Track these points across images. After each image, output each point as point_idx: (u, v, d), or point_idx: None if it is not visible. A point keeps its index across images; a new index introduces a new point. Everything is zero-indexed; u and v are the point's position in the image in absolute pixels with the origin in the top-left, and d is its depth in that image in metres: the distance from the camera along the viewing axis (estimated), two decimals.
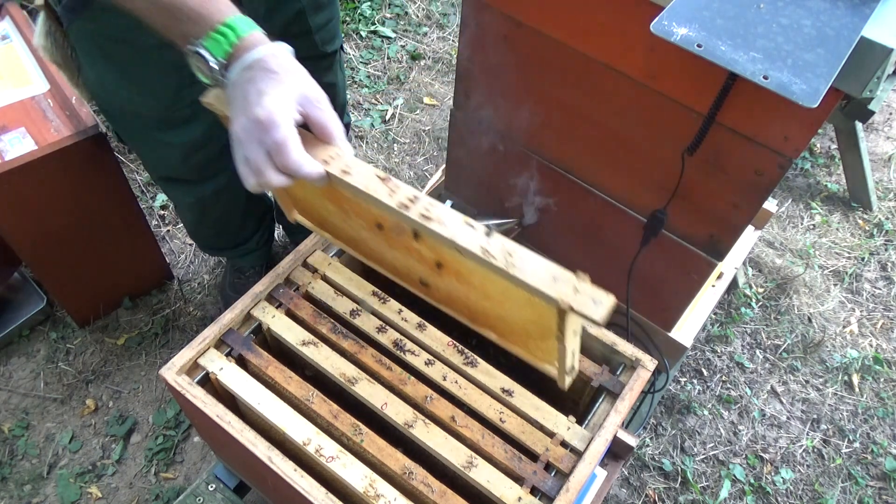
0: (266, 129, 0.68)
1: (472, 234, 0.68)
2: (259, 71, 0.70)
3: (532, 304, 0.73)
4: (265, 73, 0.70)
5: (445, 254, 0.79)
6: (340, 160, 0.72)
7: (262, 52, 0.71)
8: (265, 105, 0.68)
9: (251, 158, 0.70)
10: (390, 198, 0.71)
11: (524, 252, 0.67)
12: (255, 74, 0.70)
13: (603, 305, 0.63)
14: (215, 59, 0.71)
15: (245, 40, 0.71)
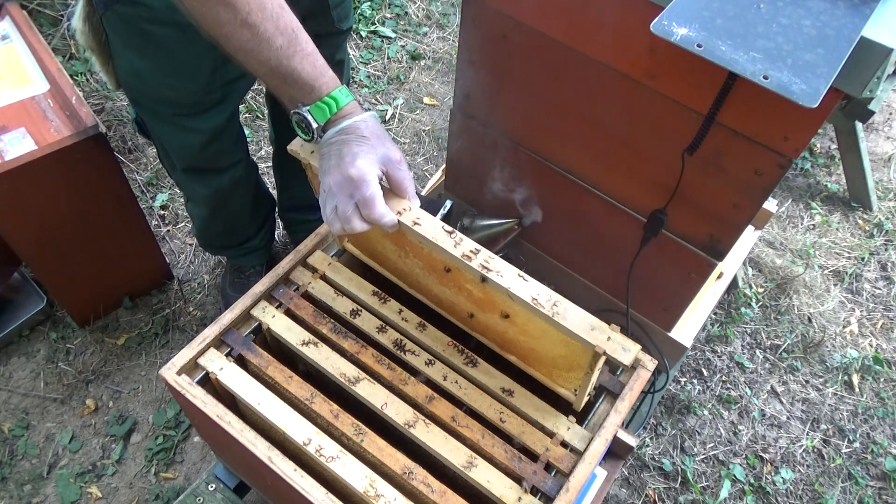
0: (357, 186, 0.82)
1: (524, 286, 0.85)
2: (352, 135, 0.85)
3: (567, 344, 0.86)
4: (358, 137, 0.84)
5: (497, 297, 0.91)
6: (412, 213, 0.87)
7: (355, 120, 0.86)
8: (358, 166, 0.82)
9: (341, 208, 0.84)
10: (455, 249, 0.86)
11: (567, 303, 0.82)
12: (349, 138, 0.84)
13: (630, 353, 0.79)
14: (317, 122, 0.85)
15: (343, 110, 0.86)
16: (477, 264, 0.85)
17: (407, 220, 0.86)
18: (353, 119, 0.86)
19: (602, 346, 0.80)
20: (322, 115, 0.85)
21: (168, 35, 1.15)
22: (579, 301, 1.40)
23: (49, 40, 2.39)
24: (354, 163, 0.82)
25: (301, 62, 0.84)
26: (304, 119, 0.85)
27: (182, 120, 1.31)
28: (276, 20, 0.82)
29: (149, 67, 1.20)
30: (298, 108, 0.85)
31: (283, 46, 0.82)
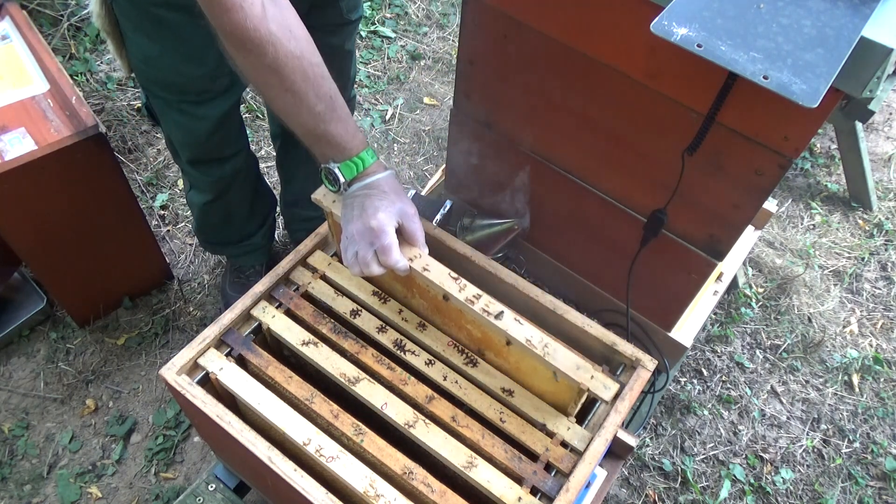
0: (377, 235, 0.94)
1: (520, 329, 0.93)
2: (375, 190, 0.97)
3: (553, 380, 0.96)
4: (380, 193, 0.97)
5: (494, 337, 1.01)
6: (422, 259, 0.98)
7: (377, 178, 0.98)
8: (378, 218, 0.94)
9: (361, 254, 0.95)
10: (460, 293, 0.96)
11: (556, 345, 0.92)
12: (371, 193, 0.96)
13: (610, 390, 0.90)
14: (345, 178, 0.97)
15: (368, 169, 0.98)
16: (479, 307, 0.95)
17: (417, 266, 0.98)
18: (376, 177, 0.97)
19: (585, 383, 0.90)
20: (350, 172, 0.97)
21: (177, 19, 1.17)
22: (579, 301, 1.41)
23: (49, 40, 2.39)
24: (376, 215, 0.94)
25: (336, 126, 0.94)
26: (334, 173, 0.96)
27: (189, 107, 1.33)
28: (317, 88, 0.92)
29: (158, 52, 1.23)
30: (329, 164, 0.96)
31: (322, 112, 0.93)
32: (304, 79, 0.91)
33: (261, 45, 0.87)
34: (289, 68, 0.89)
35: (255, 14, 0.85)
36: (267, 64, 0.88)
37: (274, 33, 0.87)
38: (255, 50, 0.87)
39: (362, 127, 2.43)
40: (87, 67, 2.41)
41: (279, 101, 0.92)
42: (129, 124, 2.31)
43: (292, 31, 0.90)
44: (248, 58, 0.88)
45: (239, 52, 0.88)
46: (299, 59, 0.90)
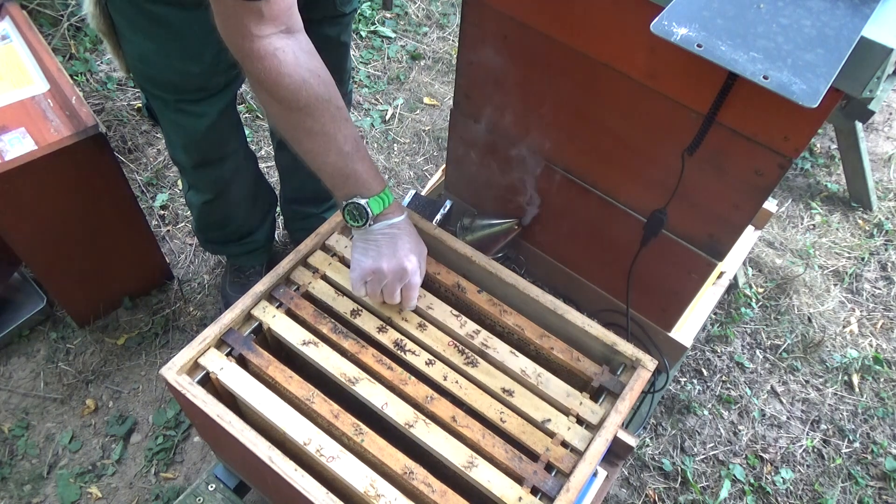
0: (409, 275, 1.02)
1: (516, 361, 1.05)
2: (404, 231, 1.03)
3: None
4: (408, 233, 1.04)
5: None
6: (426, 299, 1.11)
7: (402, 218, 1.04)
8: (411, 259, 1.02)
9: (389, 288, 1.03)
10: (460, 329, 1.08)
11: (548, 375, 1.04)
12: (401, 233, 1.03)
13: (597, 414, 1.00)
14: (373, 213, 1.00)
15: (391, 206, 1.02)
16: (478, 342, 1.06)
17: (423, 304, 1.09)
18: (399, 218, 1.03)
19: (575, 409, 1.00)
20: (378, 207, 1.00)
21: (171, 15, 1.17)
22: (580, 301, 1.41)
23: (49, 40, 2.39)
24: (409, 256, 1.02)
25: (363, 165, 0.99)
26: (362, 208, 0.99)
27: (187, 105, 1.33)
28: (344, 129, 0.96)
29: (154, 50, 1.22)
30: (356, 199, 0.99)
31: (350, 152, 0.97)
32: (333, 120, 0.94)
33: (295, 90, 0.89)
34: (319, 111, 0.92)
35: (289, 61, 0.88)
36: (300, 108, 0.91)
37: (307, 79, 0.90)
38: (289, 96, 0.90)
39: (362, 127, 2.43)
40: (87, 67, 2.41)
41: (309, 142, 0.96)
42: (129, 124, 2.31)
43: (321, 75, 0.93)
44: (283, 103, 0.91)
45: (272, 98, 0.91)
46: (328, 102, 0.93)
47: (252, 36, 0.86)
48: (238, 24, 0.85)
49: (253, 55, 0.87)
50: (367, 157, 1.00)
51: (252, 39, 0.86)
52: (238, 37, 0.87)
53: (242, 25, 0.85)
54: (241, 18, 0.85)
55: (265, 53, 0.87)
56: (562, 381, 1.03)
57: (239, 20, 0.85)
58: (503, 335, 1.10)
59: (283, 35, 0.88)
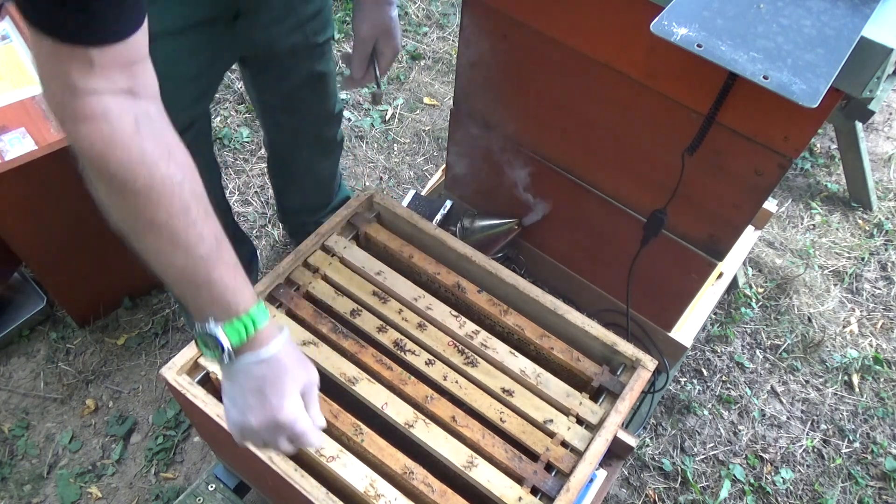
0: (290, 428, 0.77)
1: (516, 361, 1.04)
2: (274, 368, 0.76)
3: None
4: (280, 370, 0.77)
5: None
6: (426, 298, 1.10)
7: (275, 349, 0.76)
8: (287, 408, 0.76)
9: (271, 443, 0.80)
10: (460, 329, 1.07)
11: (548, 375, 1.04)
12: (270, 374, 0.76)
13: (597, 414, 1.00)
14: (230, 344, 0.74)
15: (260, 333, 0.76)
16: (477, 342, 1.06)
17: (423, 304, 1.09)
18: (273, 348, 0.77)
19: (575, 409, 1.00)
20: (237, 337, 0.75)
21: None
22: (580, 301, 1.41)
23: None
24: (282, 406, 0.76)
25: (222, 273, 0.74)
26: (214, 339, 0.74)
27: None
28: (200, 224, 0.73)
29: None
30: (207, 325, 0.75)
31: (206, 255, 0.73)
32: (185, 211, 0.71)
33: (129, 167, 0.68)
34: (165, 197, 0.70)
35: (124, 128, 0.68)
36: (136, 191, 0.69)
37: (148, 153, 0.69)
38: (121, 174, 0.68)
39: (362, 127, 2.43)
40: None
41: (149, 237, 0.73)
42: None
43: (172, 151, 0.72)
44: (113, 183, 0.69)
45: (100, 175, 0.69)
46: (180, 186, 0.71)
47: (76, 90, 0.66)
48: (59, 72, 0.65)
49: (76, 115, 0.67)
50: (231, 264, 0.75)
51: (76, 94, 0.66)
52: (59, 90, 0.66)
53: (65, 75, 0.65)
54: (63, 65, 0.65)
55: (91, 114, 0.67)
56: (561, 381, 1.03)
57: (60, 68, 0.65)
58: (503, 335, 1.10)
59: (123, 96, 0.68)
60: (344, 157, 2.33)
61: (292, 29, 1.28)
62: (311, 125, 1.54)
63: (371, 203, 1.24)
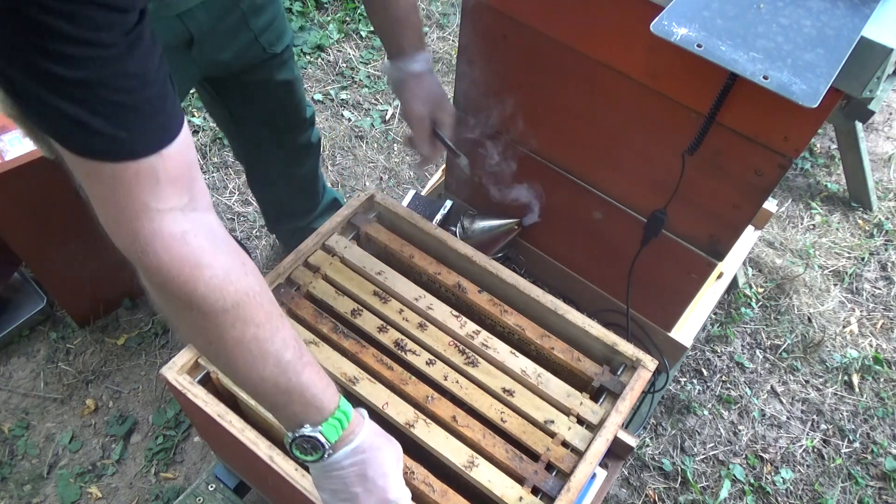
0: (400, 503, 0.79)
1: (516, 361, 1.05)
2: (369, 452, 0.77)
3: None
4: (375, 452, 0.77)
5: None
6: (427, 298, 1.10)
7: (364, 434, 0.76)
8: (394, 488, 0.78)
9: None
10: (461, 329, 1.07)
11: (549, 375, 1.04)
12: (367, 457, 0.76)
13: (597, 414, 1.00)
14: (330, 443, 0.74)
15: (352, 422, 0.76)
16: (478, 342, 1.06)
17: (423, 305, 1.10)
18: (363, 434, 0.77)
19: (576, 409, 1.00)
20: (334, 434, 0.74)
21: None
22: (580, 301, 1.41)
23: None
24: (389, 487, 0.78)
25: (310, 374, 0.72)
26: (315, 441, 0.73)
27: None
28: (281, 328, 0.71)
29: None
30: (304, 430, 0.73)
31: (292, 360, 0.71)
32: (269, 318, 0.69)
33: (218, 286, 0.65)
34: (252, 308, 0.68)
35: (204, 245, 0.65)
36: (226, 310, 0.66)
37: (229, 267, 0.66)
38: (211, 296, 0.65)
39: (362, 127, 2.43)
40: None
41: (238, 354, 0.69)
42: None
43: (244, 261, 0.69)
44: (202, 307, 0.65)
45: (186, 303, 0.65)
46: (261, 295, 0.69)
47: (149, 211, 0.62)
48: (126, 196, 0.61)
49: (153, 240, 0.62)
50: (314, 360, 0.74)
51: (150, 217, 0.62)
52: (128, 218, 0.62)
53: (133, 197, 0.61)
54: (130, 187, 0.60)
55: (170, 237, 0.63)
56: (562, 381, 1.03)
57: (127, 190, 0.61)
58: (503, 335, 1.10)
59: (191, 212, 0.65)
60: (344, 157, 2.33)
61: (248, 44, 1.26)
62: (282, 133, 1.54)
63: (371, 203, 1.24)
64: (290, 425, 0.74)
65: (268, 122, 1.49)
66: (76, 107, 0.56)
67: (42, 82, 0.54)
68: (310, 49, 2.63)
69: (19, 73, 0.54)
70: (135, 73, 0.58)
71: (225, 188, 2.19)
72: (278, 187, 1.72)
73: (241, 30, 1.23)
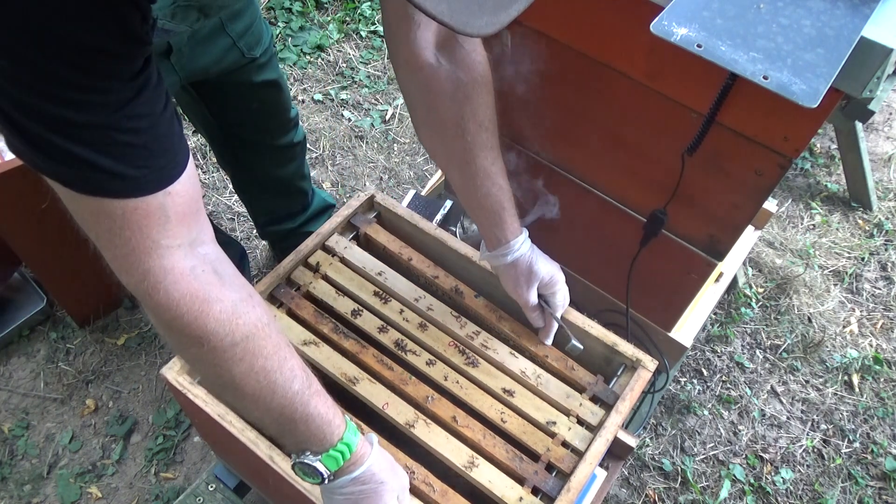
0: None
1: (516, 362, 1.05)
2: (369, 483, 0.78)
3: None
4: (374, 484, 0.78)
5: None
6: (427, 299, 1.11)
7: (368, 465, 0.78)
8: None
9: None
10: (461, 330, 1.07)
11: (548, 376, 1.04)
12: (367, 489, 0.78)
13: (597, 416, 1.00)
14: (329, 471, 0.76)
15: (354, 455, 0.77)
16: (478, 343, 1.06)
17: (423, 305, 1.10)
18: (367, 465, 0.78)
19: (575, 410, 1.00)
20: (334, 464, 0.76)
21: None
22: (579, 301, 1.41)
23: None
24: None
25: (317, 404, 0.74)
26: (314, 469, 0.76)
27: None
28: (291, 360, 0.72)
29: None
30: (304, 458, 0.76)
31: (300, 390, 0.72)
32: (277, 349, 0.71)
33: (228, 320, 0.66)
34: (261, 340, 0.69)
35: (212, 281, 0.66)
36: (236, 343, 0.67)
37: (237, 301, 0.68)
38: (221, 331, 0.66)
39: (362, 127, 2.43)
40: None
41: (248, 385, 0.70)
42: None
43: (251, 293, 0.71)
44: (211, 342, 0.67)
45: (195, 339, 0.66)
46: (268, 326, 0.71)
47: (159, 248, 0.63)
48: (135, 233, 0.62)
49: (165, 280, 0.63)
50: (322, 390, 0.76)
51: (160, 254, 0.63)
52: (137, 255, 0.63)
53: (142, 234, 0.62)
54: (140, 226, 0.61)
55: (180, 274, 0.64)
56: (562, 382, 1.03)
57: (137, 229, 0.62)
58: (501, 338, 1.10)
59: (198, 246, 0.67)
60: (344, 157, 2.33)
61: (226, 49, 1.26)
62: (266, 134, 1.54)
63: (371, 203, 1.24)
64: (293, 449, 0.77)
65: (250, 123, 1.49)
66: (86, 148, 0.57)
67: (53, 128, 0.55)
68: (310, 49, 2.63)
69: (31, 121, 0.55)
70: (143, 113, 0.59)
71: (225, 188, 2.18)
72: (265, 189, 1.72)
73: (220, 36, 1.24)
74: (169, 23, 1.01)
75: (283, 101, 1.50)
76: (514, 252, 1.00)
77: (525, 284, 1.02)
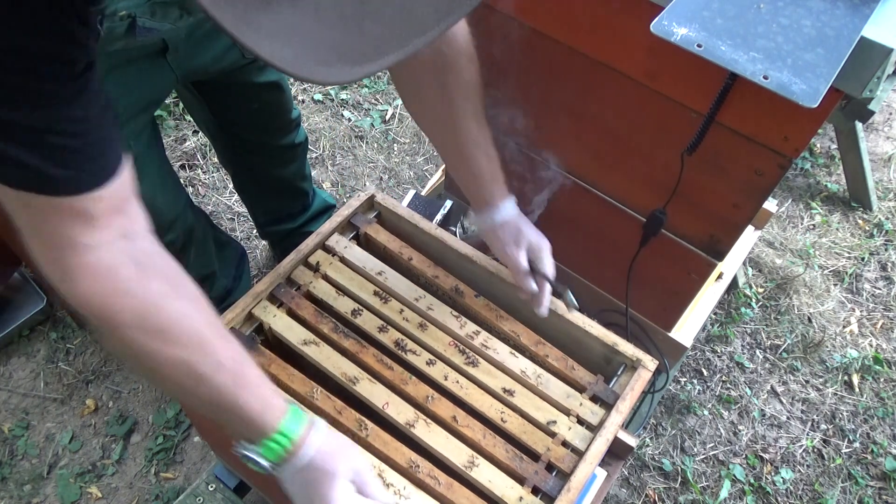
0: None
1: (516, 362, 1.05)
2: (315, 472, 0.76)
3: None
4: (318, 473, 0.76)
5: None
6: (427, 298, 1.11)
7: (312, 452, 0.76)
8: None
9: None
10: (461, 330, 1.07)
11: (548, 375, 1.04)
12: (312, 477, 0.77)
13: (597, 416, 1.01)
14: (269, 461, 0.76)
15: (297, 441, 0.76)
16: (478, 342, 1.06)
17: (423, 305, 1.09)
18: (309, 451, 0.76)
19: (576, 410, 1.01)
20: (274, 455, 0.75)
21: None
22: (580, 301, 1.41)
23: None
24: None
25: (248, 396, 0.73)
26: (253, 459, 0.76)
27: None
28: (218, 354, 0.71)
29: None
30: (243, 448, 0.76)
31: (228, 382, 0.72)
32: (200, 342, 0.70)
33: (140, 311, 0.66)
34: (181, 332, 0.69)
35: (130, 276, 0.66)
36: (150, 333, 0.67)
37: (155, 293, 0.68)
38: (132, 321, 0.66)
39: (362, 127, 2.43)
40: None
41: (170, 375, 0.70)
42: None
43: (177, 285, 0.71)
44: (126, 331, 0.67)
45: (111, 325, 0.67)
46: (191, 318, 0.70)
47: (76, 247, 0.63)
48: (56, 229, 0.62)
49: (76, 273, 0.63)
50: (256, 381, 0.75)
51: (76, 251, 0.63)
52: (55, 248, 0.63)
53: (62, 232, 0.62)
54: (62, 224, 0.62)
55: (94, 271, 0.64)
56: (562, 381, 1.03)
57: (57, 224, 0.62)
58: (501, 337, 1.10)
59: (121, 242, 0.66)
60: (344, 157, 2.33)
61: (225, 49, 1.26)
62: (268, 136, 1.54)
63: (372, 203, 1.24)
64: (234, 438, 0.77)
65: (251, 123, 1.49)
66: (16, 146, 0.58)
67: None
68: None
69: None
70: (77, 118, 0.60)
71: (225, 188, 2.19)
72: (266, 189, 1.72)
73: (218, 36, 1.23)
74: (149, 21, 1.00)
75: (284, 102, 1.50)
76: (502, 212, 1.02)
77: (514, 246, 1.03)
